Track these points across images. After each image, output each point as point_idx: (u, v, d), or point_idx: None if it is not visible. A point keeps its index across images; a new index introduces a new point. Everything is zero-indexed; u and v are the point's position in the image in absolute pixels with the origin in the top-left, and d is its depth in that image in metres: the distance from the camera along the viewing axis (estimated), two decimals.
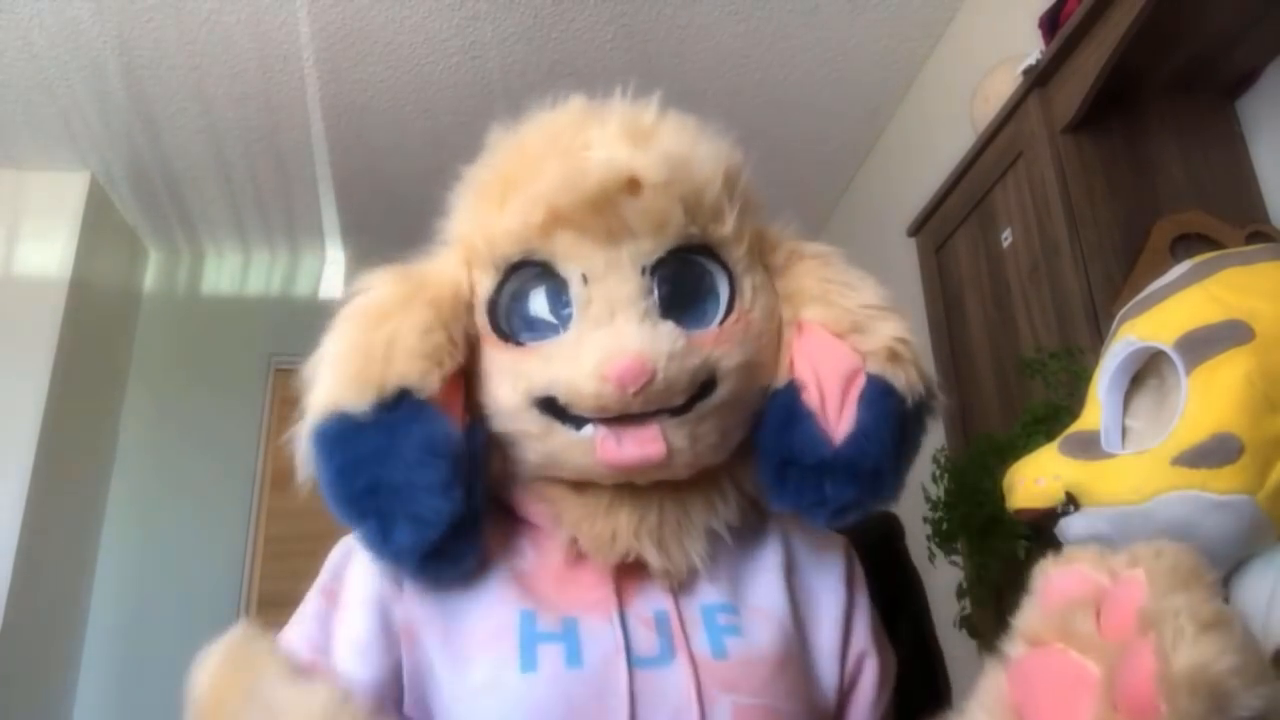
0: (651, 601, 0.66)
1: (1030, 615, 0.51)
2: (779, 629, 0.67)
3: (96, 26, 2.24)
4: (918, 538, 1.28)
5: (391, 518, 0.60)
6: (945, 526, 1.32)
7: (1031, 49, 1.53)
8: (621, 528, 0.65)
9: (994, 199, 1.61)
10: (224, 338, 3.24)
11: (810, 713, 0.66)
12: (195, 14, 2.21)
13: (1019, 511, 0.81)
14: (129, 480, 3.09)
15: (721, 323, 0.66)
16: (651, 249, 0.64)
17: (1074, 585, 0.49)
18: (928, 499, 1.37)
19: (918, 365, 0.67)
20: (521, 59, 2.37)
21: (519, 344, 0.66)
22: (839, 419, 0.65)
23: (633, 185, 0.63)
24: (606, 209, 0.63)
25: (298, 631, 0.66)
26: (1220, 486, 0.64)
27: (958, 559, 1.34)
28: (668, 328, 0.62)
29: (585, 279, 0.64)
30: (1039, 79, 1.44)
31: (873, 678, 0.70)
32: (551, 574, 0.67)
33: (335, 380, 0.64)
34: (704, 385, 0.64)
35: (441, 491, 0.61)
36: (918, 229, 1.93)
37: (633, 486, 0.66)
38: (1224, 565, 0.69)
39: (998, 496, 0.89)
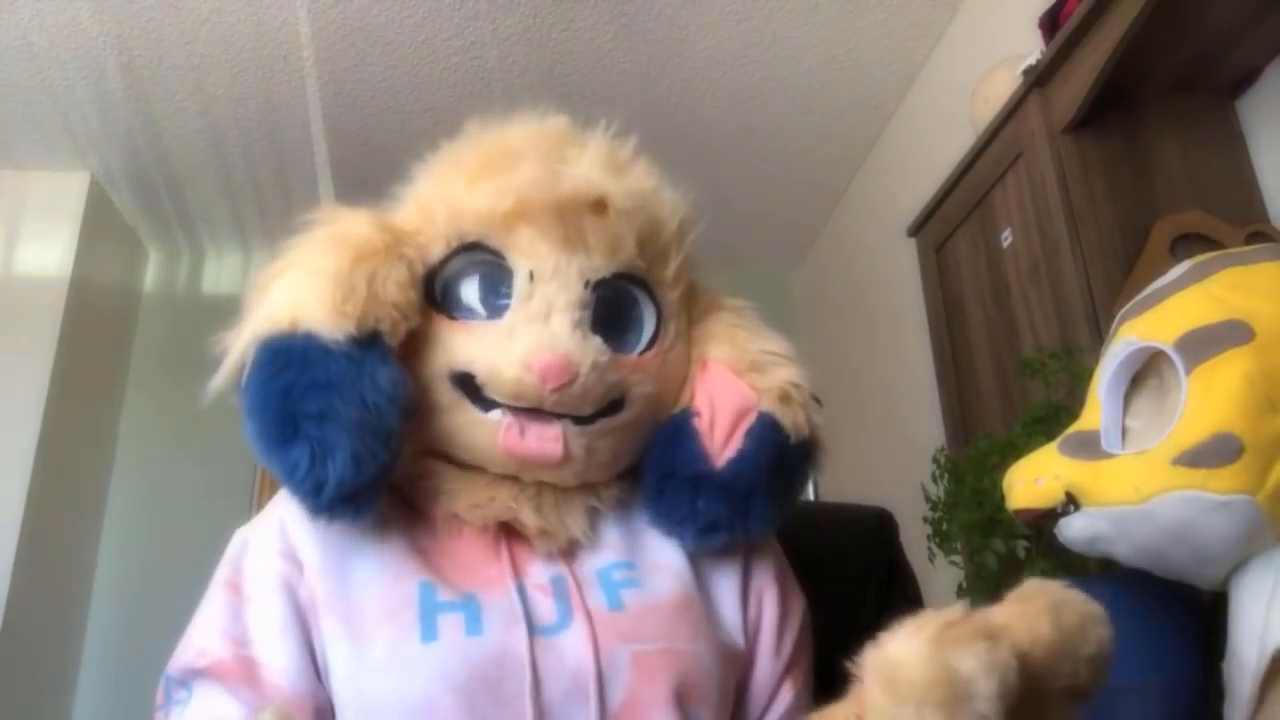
0: (547, 569, 0.67)
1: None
2: (677, 579, 0.69)
3: (96, 26, 2.24)
4: (918, 538, 1.28)
5: (331, 449, 0.60)
6: (945, 526, 1.32)
7: (1031, 49, 1.53)
8: (500, 493, 0.67)
9: (994, 199, 1.61)
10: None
11: (715, 652, 0.66)
12: (195, 14, 2.21)
13: (1019, 511, 0.81)
14: (129, 480, 3.10)
15: (642, 353, 0.70)
16: (600, 267, 0.68)
17: None
18: (928, 499, 1.36)
19: (806, 410, 0.70)
20: (521, 59, 2.37)
21: (451, 318, 0.68)
22: (725, 446, 0.68)
23: (599, 205, 0.67)
24: (570, 218, 0.66)
25: (209, 628, 0.64)
26: (1220, 486, 0.64)
27: (958, 559, 1.34)
28: (596, 341, 0.66)
29: (532, 276, 0.66)
30: (1039, 79, 1.44)
31: (773, 611, 0.72)
32: (446, 552, 0.68)
33: (309, 300, 0.63)
34: (612, 404, 0.67)
35: (386, 439, 0.61)
36: (918, 229, 1.93)
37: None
38: (1224, 565, 0.69)
39: (998, 496, 0.89)
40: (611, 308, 0.69)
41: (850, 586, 0.94)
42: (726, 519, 0.67)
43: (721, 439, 0.68)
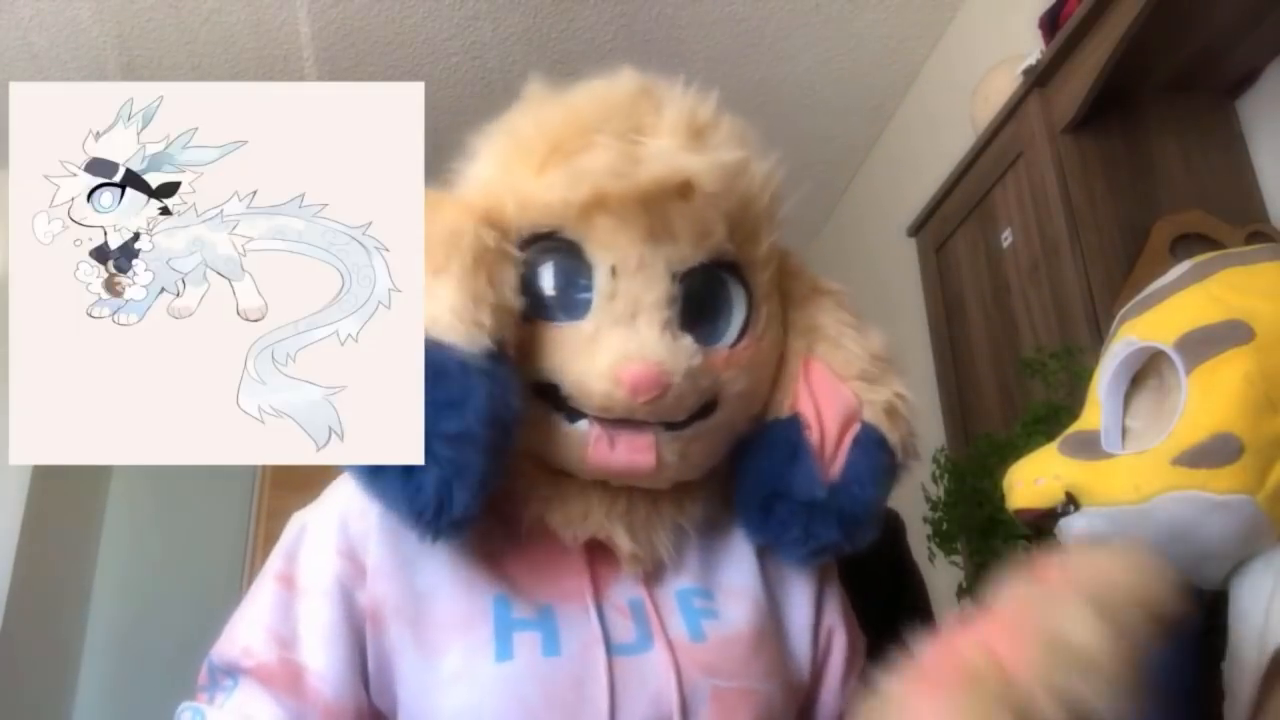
0: (625, 590, 0.65)
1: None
2: (754, 607, 0.67)
3: (96, 26, 2.24)
4: (918, 538, 1.28)
5: (462, 472, 0.56)
6: (945, 526, 1.32)
7: (1031, 49, 1.53)
8: (593, 508, 0.64)
9: (994, 199, 1.61)
10: None
11: (786, 691, 0.65)
12: (195, 14, 2.21)
13: (1019, 511, 0.81)
14: (129, 480, 3.10)
15: (734, 345, 0.64)
16: (687, 256, 0.62)
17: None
18: (928, 499, 1.37)
19: (910, 424, 0.68)
20: (521, 59, 2.36)
21: (528, 319, 0.63)
22: (833, 460, 0.65)
23: (685, 189, 0.61)
24: (654, 207, 0.60)
25: (256, 624, 0.62)
26: (1220, 486, 0.64)
27: (958, 559, 1.34)
28: (687, 342, 0.61)
29: (614, 271, 0.61)
30: (1039, 79, 1.44)
31: (841, 653, 0.71)
32: (523, 558, 0.65)
33: (439, 306, 0.58)
34: (705, 406, 0.63)
35: (506, 458, 0.58)
36: (918, 229, 1.93)
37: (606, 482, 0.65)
38: (1224, 565, 0.69)
39: (998, 496, 0.89)
40: (700, 299, 0.63)
41: (856, 585, 0.94)
42: (836, 543, 0.64)
43: (830, 452, 0.65)
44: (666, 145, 0.61)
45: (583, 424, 0.61)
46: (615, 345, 0.59)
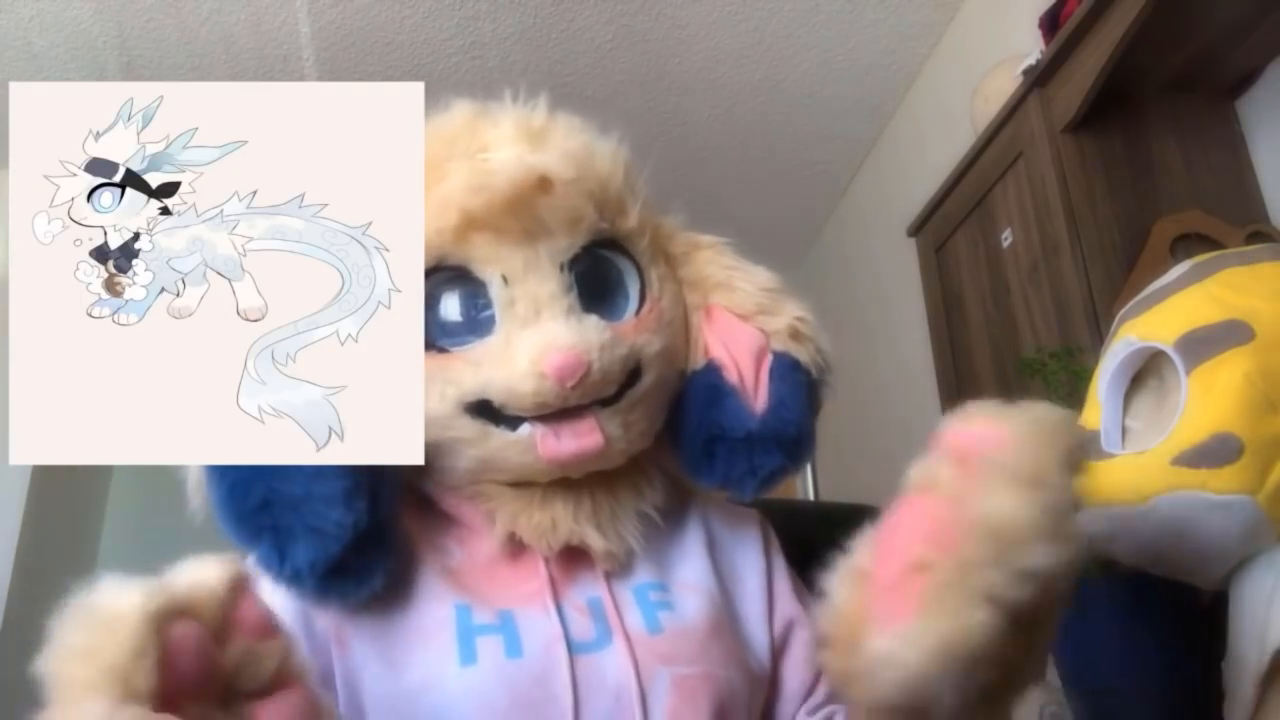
0: (584, 589, 0.67)
1: (914, 468, 0.50)
2: (708, 600, 0.69)
3: (96, 26, 2.24)
4: None
5: (288, 533, 0.58)
6: None
7: (1031, 49, 1.53)
8: (559, 515, 0.66)
9: (994, 199, 1.61)
10: None
11: (746, 676, 0.67)
12: (195, 14, 2.21)
13: None
14: (129, 480, 3.10)
15: (637, 313, 0.68)
16: (567, 246, 0.66)
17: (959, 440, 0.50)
18: None
19: (816, 341, 0.71)
20: (521, 59, 2.37)
21: (441, 350, 0.65)
22: (756, 393, 0.68)
23: (544, 184, 0.64)
24: (521, 209, 0.64)
25: None
26: (1220, 486, 0.65)
27: None
28: (593, 321, 0.64)
29: (505, 280, 0.64)
30: (1039, 79, 1.44)
31: (802, 642, 0.72)
32: (481, 570, 0.67)
33: None
34: (631, 374, 0.66)
35: (343, 502, 0.58)
36: (918, 229, 1.93)
37: (566, 479, 0.67)
38: (1224, 565, 0.69)
39: None
40: (592, 280, 0.67)
41: None
42: (782, 466, 0.68)
43: (750, 386, 0.68)
44: (513, 151, 0.65)
45: (524, 428, 0.64)
46: (529, 344, 0.62)
